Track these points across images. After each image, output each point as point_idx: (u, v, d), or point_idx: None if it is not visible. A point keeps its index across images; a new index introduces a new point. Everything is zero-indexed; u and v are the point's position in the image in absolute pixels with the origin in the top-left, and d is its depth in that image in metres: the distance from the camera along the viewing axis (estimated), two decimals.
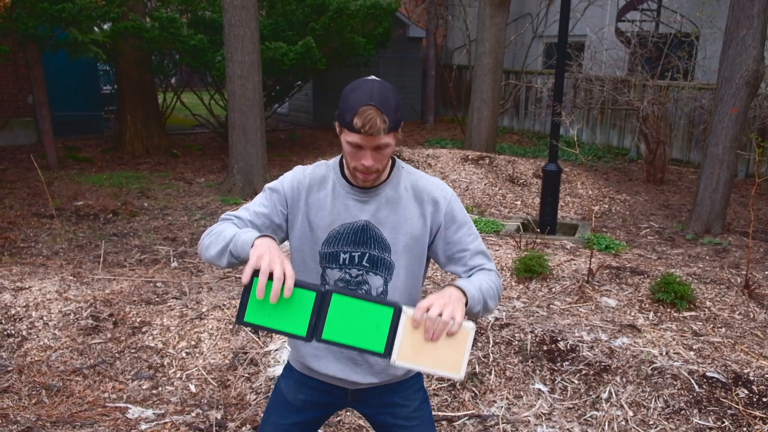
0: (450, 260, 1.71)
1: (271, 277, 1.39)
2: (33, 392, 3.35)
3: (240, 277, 4.89)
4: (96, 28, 8.82)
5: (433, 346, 1.43)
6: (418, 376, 1.88)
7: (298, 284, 1.43)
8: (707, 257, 5.51)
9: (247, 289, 1.43)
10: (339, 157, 1.72)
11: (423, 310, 1.41)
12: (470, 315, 1.54)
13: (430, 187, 1.69)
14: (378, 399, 1.82)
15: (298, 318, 1.44)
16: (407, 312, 1.44)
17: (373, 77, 1.58)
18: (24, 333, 3.85)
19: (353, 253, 1.66)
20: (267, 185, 1.71)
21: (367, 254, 1.66)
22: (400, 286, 1.69)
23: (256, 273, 1.41)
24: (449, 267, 1.73)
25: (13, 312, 4.01)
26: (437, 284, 4.54)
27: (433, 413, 3.16)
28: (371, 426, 1.93)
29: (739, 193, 7.97)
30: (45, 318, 3.97)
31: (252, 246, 1.46)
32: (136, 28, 8.79)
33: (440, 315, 1.41)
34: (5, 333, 3.85)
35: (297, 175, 1.70)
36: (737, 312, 4.08)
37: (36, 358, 3.65)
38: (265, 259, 1.39)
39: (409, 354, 1.43)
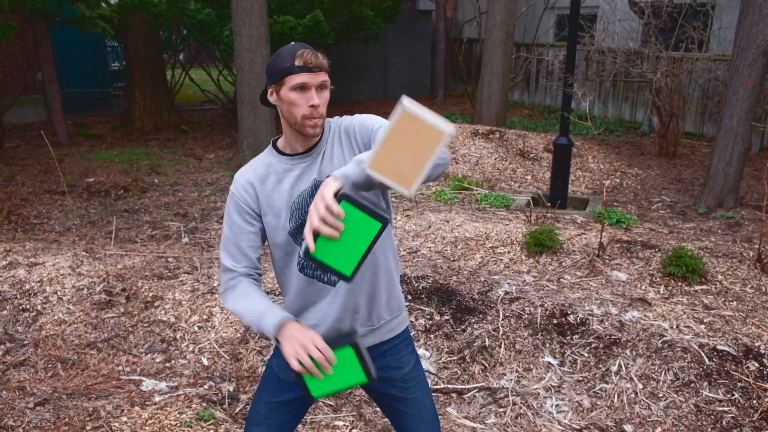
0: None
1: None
2: (49, 365, 3.41)
3: None
4: (103, 3, 8.75)
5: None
6: (409, 338, 1.91)
7: (332, 347, 1.58)
8: (719, 231, 5.47)
9: (299, 375, 1.60)
10: (271, 142, 1.79)
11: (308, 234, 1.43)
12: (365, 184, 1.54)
13: (347, 122, 1.76)
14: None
15: (352, 370, 1.62)
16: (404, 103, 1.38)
17: None
18: (39, 308, 3.91)
19: None
20: (226, 209, 1.77)
21: None
22: None
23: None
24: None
25: (27, 287, 4.06)
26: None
27: (443, 386, 3.19)
28: (374, 401, 1.95)
29: (753, 167, 7.86)
30: (59, 293, 4.02)
31: (277, 341, 1.61)
32: (143, 3, 8.72)
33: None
34: (20, 308, 3.91)
35: (240, 182, 1.75)
36: (749, 286, 4.06)
37: (51, 332, 3.70)
38: (301, 354, 1.54)
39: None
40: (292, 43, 1.67)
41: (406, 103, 1.35)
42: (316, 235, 1.40)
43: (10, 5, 7.26)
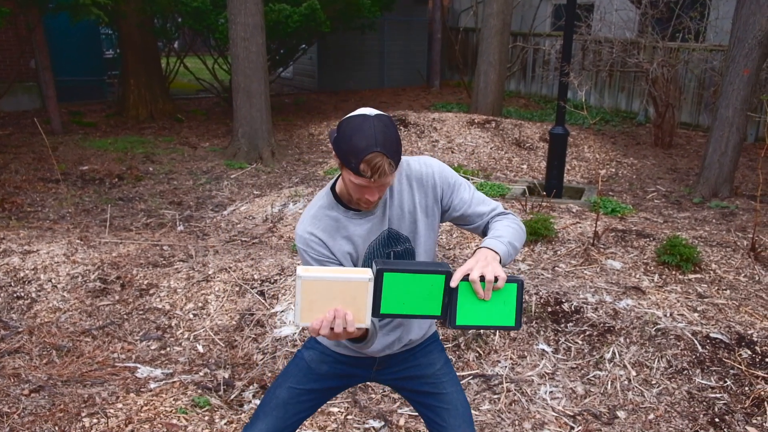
0: (462, 220, 1.79)
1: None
2: (44, 352, 3.41)
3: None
4: None
5: (486, 304, 1.54)
6: (437, 339, 1.94)
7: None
8: (714, 220, 5.49)
9: (378, 285, 1.54)
10: (330, 192, 1.73)
11: (461, 274, 1.50)
12: (508, 262, 1.64)
13: (419, 169, 1.74)
14: (402, 364, 1.87)
15: (503, 312, 1.57)
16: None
17: (371, 112, 1.56)
18: (33, 295, 3.90)
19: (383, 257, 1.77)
20: (299, 270, 1.67)
21: (392, 252, 1.75)
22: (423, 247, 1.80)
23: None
24: (465, 227, 1.82)
25: (21, 275, 4.05)
26: (442, 246, 4.55)
27: None
28: (408, 401, 1.98)
29: (748, 157, 7.88)
30: (53, 280, 4.01)
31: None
32: None
33: (482, 277, 1.49)
34: (15, 295, 3.90)
35: (312, 239, 1.69)
36: (743, 274, 4.08)
37: (46, 320, 3.70)
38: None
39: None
40: (372, 118, 1.53)
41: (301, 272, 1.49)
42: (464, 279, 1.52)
43: None
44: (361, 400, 3.02)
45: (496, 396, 3.03)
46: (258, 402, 1.93)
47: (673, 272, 4.05)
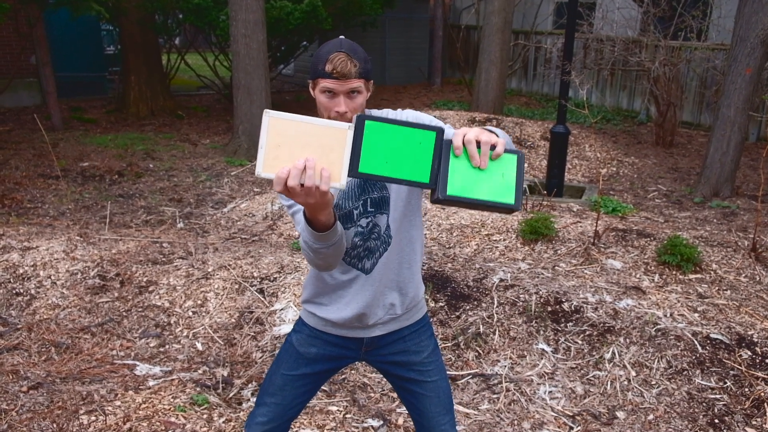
0: None
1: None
2: (42, 349, 3.40)
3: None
4: None
5: (482, 175, 1.33)
6: (428, 325, 1.92)
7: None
8: (715, 220, 5.47)
9: (445, 162, 1.32)
10: None
11: (461, 136, 1.34)
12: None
13: (394, 115, 1.72)
14: (391, 347, 1.86)
15: (502, 186, 1.34)
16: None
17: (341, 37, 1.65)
18: (32, 292, 3.89)
19: (358, 205, 1.72)
20: (280, 201, 1.72)
21: (368, 199, 1.71)
22: (398, 216, 1.74)
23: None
24: None
25: (21, 271, 4.04)
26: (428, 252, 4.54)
27: None
28: (391, 384, 1.96)
29: (750, 157, 7.87)
30: (53, 277, 4.01)
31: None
32: None
33: (478, 142, 1.33)
34: (14, 292, 3.89)
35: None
36: (743, 275, 4.07)
37: (45, 317, 3.69)
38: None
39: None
40: (339, 37, 1.63)
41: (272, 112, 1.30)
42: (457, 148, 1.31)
43: None
44: (360, 398, 3.01)
45: (495, 395, 3.03)
46: (255, 401, 1.93)
47: (674, 272, 4.04)
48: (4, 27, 9.69)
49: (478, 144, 1.32)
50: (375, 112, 1.76)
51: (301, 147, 1.28)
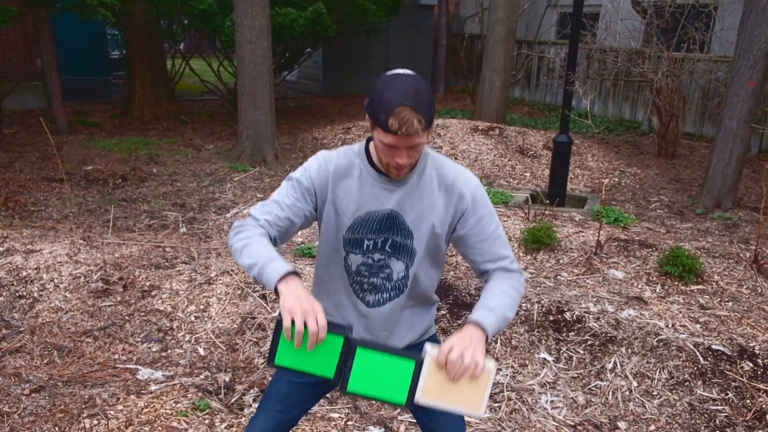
0: (467, 247, 1.73)
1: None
2: (45, 352, 3.41)
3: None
4: None
5: (455, 385, 1.50)
6: (434, 337, 1.93)
7: (328, 329, 1.49)
8: (717, 232, 5.48)
9: (277, 332, 1.51)
10: (364, 143, 1.71)
11: (445, 353, 1.49)
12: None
13: (454, 176, 1.69)
14: None
15: (327, 361, 1.53)
16: (431, 353, 1.51)
17: (405, 71, 1.55)
18: (35, 295, 3.91)
19: (376, 240, 1.69)
20: (293, 175, 1.70)
21: (390, 240, 1.68)
22: (421, 271, 1.73)
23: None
24: (469, 255, 1.75)
25: (24, 274, 4.06)
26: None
27: None
28: None
29: (752, 168, 7.88)
30: (56, 280, 4.02)
31: (277, 292, 1.49)
32: None
33: (462, 358, 1.47)
34: (17, 294, 3.90)
35: (322, 163, 1.68)
36: (745, 286, 4.07)
37: (47, 320, 3.70)
38: (297, 315, 1.43)
39: (433, 393, 1.51)
40: (403, 76, 1.52)
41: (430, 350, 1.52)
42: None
43: None
44: (362, 405, 3.01)
45: (497, 404, 3.03)
46: (258, 405, 1.94)
47: (676, 283, 4.04)
48: (11, 30, 9.74)
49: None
50: (432, 152, 1.72)
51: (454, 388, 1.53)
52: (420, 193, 1.66)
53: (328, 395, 3.07)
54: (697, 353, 3.23)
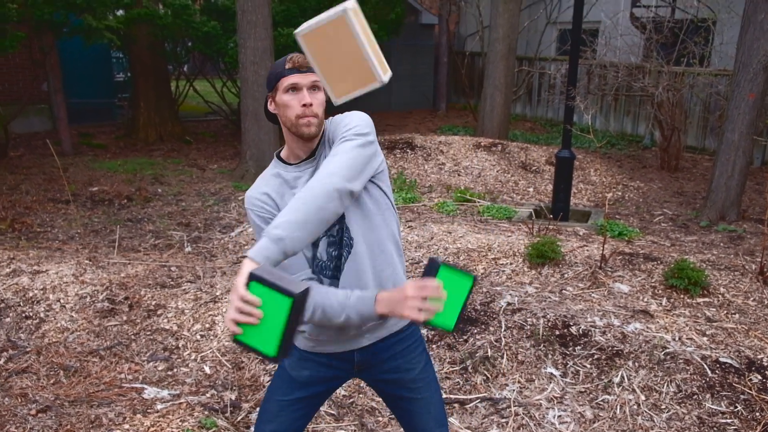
0: None
1: None
2: (51, 372, 3.41)
3: None
4: (110, 15, 8.85)
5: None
6: (420, 339, 1.92)
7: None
8: (721, 244, 5.47)
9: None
10: (275, 154, 1.81)
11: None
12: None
13: (335, 120, 1.76)
14: (383, 365, 1.86)
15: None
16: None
17: None
18: (42, 315, 3.92)
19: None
20: (252, 225, 1.76)
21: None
22: (357, 219, 1.72)
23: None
24: None
25: (30, 294, 4.07)
26: None
27: (445, 396, 3.19)
28: (382, 399, 1.97)
29: (755, 181, 7.88)
30: (62, 300, 4.03)
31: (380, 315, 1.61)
32: (149, 15, 8.81)
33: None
34: (23, 315, 3.92)
35: (256, 196, 1.74)
36: (751, 298, 4.06)
37: (54, 340, 3.71)
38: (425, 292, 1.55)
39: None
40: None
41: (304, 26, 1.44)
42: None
43: (18, 16, 7.34)
44: (368, 423, 3.00)
45: (504, 420, 3.01)
46: (253, 429, 1.93)
47: (681, 296, 4.03)
48: (18, 55, 9.88)
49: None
50: (328, 121, 1.77)
51: (339, 57, 1.44)
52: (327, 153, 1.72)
53: (334, 412, 3.06)
54: (705, 366, 3.21)
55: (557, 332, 3.52)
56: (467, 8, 13.70)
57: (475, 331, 3.58)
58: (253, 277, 1.39)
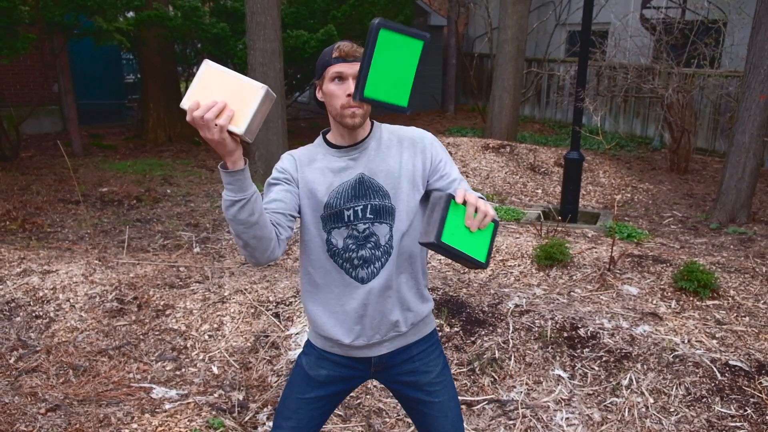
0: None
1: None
2: (60, 372, 3.44)
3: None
4: (120, 17, 8.91)
5: (468, 233, 1.52)
6: (437, 342, 1.93)
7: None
8: (731, 246, 5.43)
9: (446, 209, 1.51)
10: (320, 134, 1.84)
11: (464, 194, 1.50)
12: None
13: (411, 133, 1.80)
14: (400, 368, 1.86)
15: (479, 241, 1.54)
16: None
17: None
18: (51, 315, 3.95)
19: (356, 207, 1.72)
20: (269, 179, 1.78)
21: (369, 205, 1.72)
22: (403, 227, 1.75)
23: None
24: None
25: (41, 294, 4.10)
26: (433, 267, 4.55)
27: None
28: (399, 402, 1.97)
29: (765, 183, 7.82)
30: (72, 300, 4.06)
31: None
32: (159, 17, 8.86)
33: (478, 202, 1.50)
34: (34, 314, 3.95)
35: (287, 157, 1.80)
36: (762, 301, 4.03)
37: (63, 339, 3.74)
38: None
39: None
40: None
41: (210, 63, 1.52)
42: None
43: (29, 18, 7.40)
44: (375, 423, 3.00)
45: (511, 422, 3.01)
46: (272, 424, 1.94)
47: (691, 298, 4.00)
48: (29, 57, 9.97)
49: (476, 209, 1.50)
50: (385, 127, 1.81)
51: (221, 93, 1.47)
52: (384, 154, 1.75)
53: (341, 413, 3.06)
54: (714, 369, 3.19)
55: (565, 334, 3.50)
56: (476, 10, 13.69)
57: (483, 332, 3.57)
58: (382, 25, 1.46)
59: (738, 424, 2.91)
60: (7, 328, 3.83)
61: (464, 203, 1.50)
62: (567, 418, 3.01)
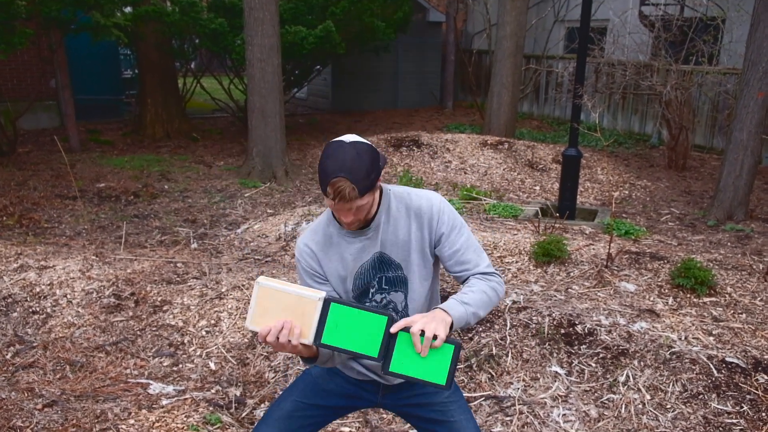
0: (447, 261, 1.83)
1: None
2: (57, 367, 3.43)
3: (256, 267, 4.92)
4: (118, 12, 8.88)
5: (422, 358, 1.58)
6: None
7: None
8: (729, 243, 5.44)
9: (392, 336, 1.61)
10: (329, 211, 1.84)
11: (404, 324, 1.57)
12: (464, 327, 1.68)
13: (418, 201, 1.79)
14: (409, 391, 1.87)
15: (436, 368, 1.60)
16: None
17: (351, 139, 1.66)
18: (48, 310, 3.94)
19: (374, 282, 1.81)
20: (302, 268, 1.83)
21: (383, 277, 1.80)
22: (417, 296, 1.82)
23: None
24: (448, 268, 1.85)
25: (37, 290, 4.10)
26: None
27: None
28: (413, 426, 1.97)
29: (763, 180, 7.83)
30: (69, 296, 4.05)
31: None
32: (157, 12, 8.83)
33: (423, 332, 1.53)
34: (30, 310, 3.94)
35: (307, 252, 1.81)
36: (758, 298, 4.03)
37: (60, 335, 3.73)
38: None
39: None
40: (344, 144, 1.64)
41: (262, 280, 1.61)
42: (403, 330, 1.58)
43: (26, 12, 7.37)
44: (372, 420, 3.00)
45: (508, 418, 3.01)
46: (257, 422, 1.93)
47: (688, 295, 4.01)
48: (26, 51, 9.91)
49: (423, 333, 1.54)
50: (394, 188, 1.82)
51: (282, 310, 1.58)
52: (394, 227, 1.78)
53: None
54: (711, 366, 3.20)
55: (562, 331, 3.51)
56: (475, 6, 13.66)
57: (480, 329, 3.57)
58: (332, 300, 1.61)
59: (734, 420, 2.92)
60: (3, 323, 3.83)
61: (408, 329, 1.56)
62: (564, 415, 3.02)
